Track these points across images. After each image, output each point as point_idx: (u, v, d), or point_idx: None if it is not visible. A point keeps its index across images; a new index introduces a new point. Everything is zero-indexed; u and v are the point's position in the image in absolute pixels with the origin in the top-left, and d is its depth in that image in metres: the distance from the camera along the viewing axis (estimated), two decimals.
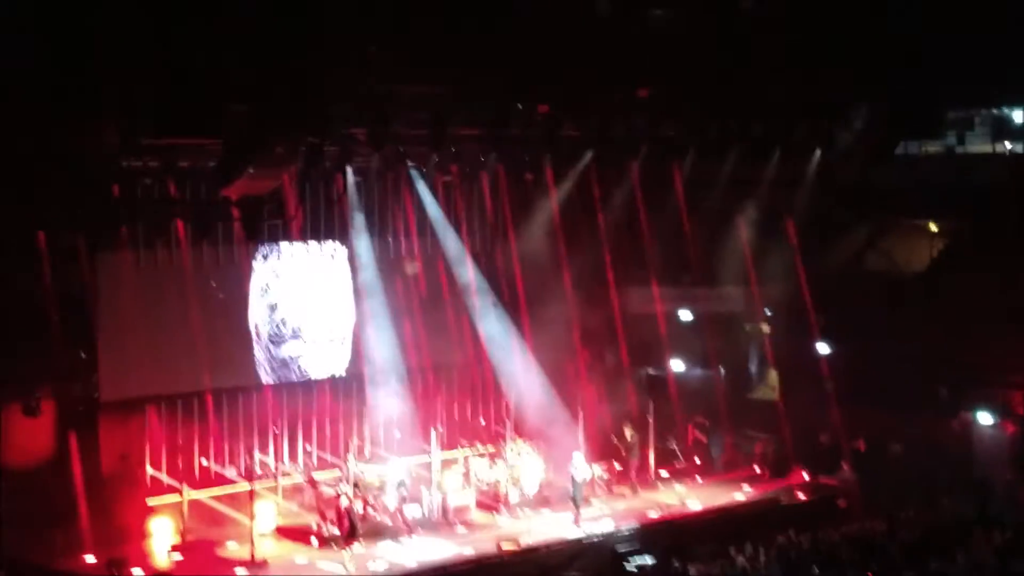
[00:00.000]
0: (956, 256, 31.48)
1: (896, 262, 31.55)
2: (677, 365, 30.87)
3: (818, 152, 28.56)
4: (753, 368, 32.20)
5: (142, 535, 24.24)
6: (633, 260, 29.95)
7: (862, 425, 29.09)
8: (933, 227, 31.58)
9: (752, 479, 28.94)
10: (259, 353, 26.75)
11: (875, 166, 29.36)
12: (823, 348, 30.20)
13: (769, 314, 31.41)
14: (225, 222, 25.37)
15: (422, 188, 27.85)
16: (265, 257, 26.80)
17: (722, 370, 31.32)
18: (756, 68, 26.00)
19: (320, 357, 27.60)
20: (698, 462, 29.72)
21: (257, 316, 26.75)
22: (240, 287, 26.44)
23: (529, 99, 24.99)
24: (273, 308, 26.95)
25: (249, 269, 26.53)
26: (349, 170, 26.24)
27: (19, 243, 23.05)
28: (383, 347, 27.74)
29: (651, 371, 30.76)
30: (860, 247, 30.89)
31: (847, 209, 30.25)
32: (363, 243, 27.69)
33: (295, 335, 27.24)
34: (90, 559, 22.99)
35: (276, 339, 26.99)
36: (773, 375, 31.55)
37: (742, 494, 28.06)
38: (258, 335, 26.73)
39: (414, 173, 27.40)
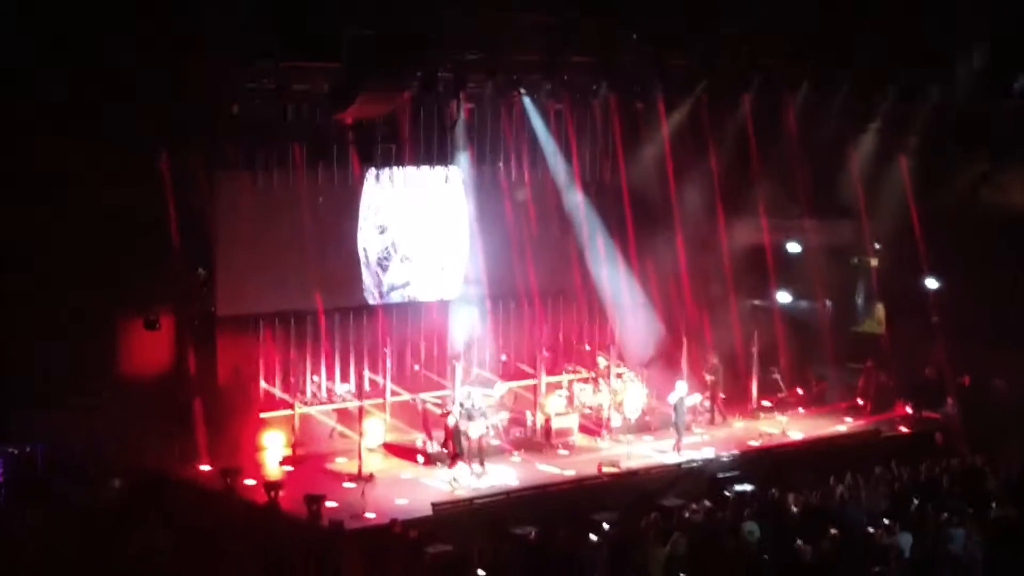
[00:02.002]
0: None
1: (1010, 198, 30.98)
2: (783, 297, 30.79)
3: (935, 86, 28.14)
4: (860, 301, 31.98)
5: (254, 447, 24.92)
6: (743, 191, 29.78)
7: (967, 360, 28.82)
8: None
9: (855, 411, 28.87)
10: (367, 277, 27.10)
11: (993, 100, 28.83)
12: (931, 282, 29.92)
13: (878, 247, 31.14)
14: (340, 145, 25.77)
15: (534, 116, 27.97)
16: (378, 179, 27.03)
17: (828, 303, 31.19)
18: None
19: (429, 282, 27.93)
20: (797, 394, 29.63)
21: (366, 239, 27.10)
22: (352, 209, 26.79)
23: (640, 28, 24.99)
24: (383, 230, 27.23)
25: (360, 192, 26.83)
26: (462, 96, 26.37)
27: (144, 163, 23.61)
28: (492, 272, 28.07)
29: (757, 302, 30.73)
30: (974, 182, 30.36)
31: (963, 144, 29.74)
32: (475, 169, 27.95)
33: (405, 259, 27.57)
34: (205, 468, 23.65)
35: (384, 263, 27.32)
36: (880, 308, 31.33)
37: (844, 426, 28.02)
38: (367, 259, 27.07)
39: (526, 101, 27.51)
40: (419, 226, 27.74)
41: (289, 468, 24.37)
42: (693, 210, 29.30)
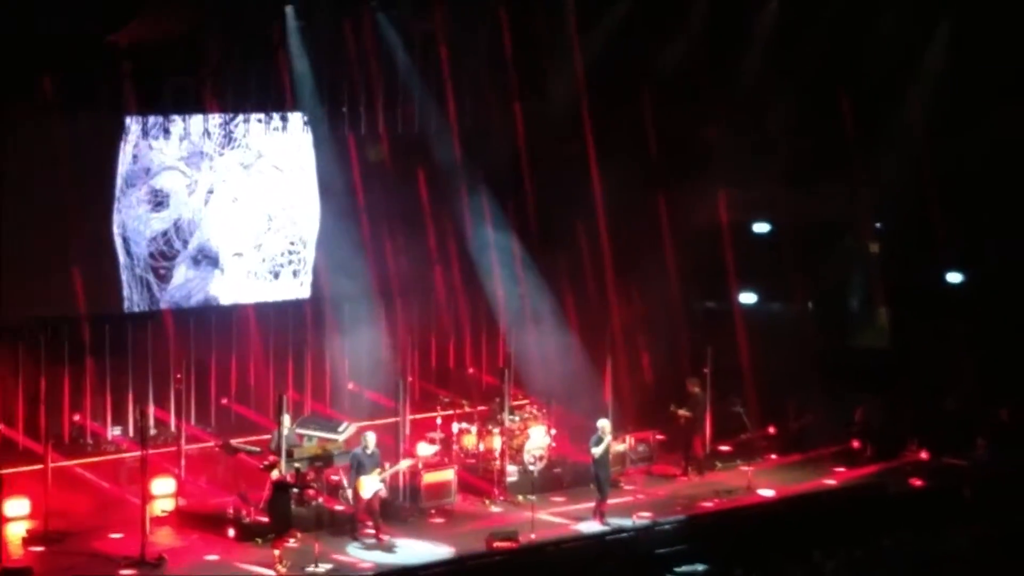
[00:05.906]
0: None
1: None
2: (748, 297, 30.95)
3: None
4: (855, 303, 32.27)
5: None
6: (692, 148, 29.94)
7: (1006, 387, 29.19)
8: None
9: (849, 458, 29.14)
10: (129, 283, 26.82)
11: None
12: (954, 276, 30.24)
13: (880, 226, 31.39)
14: (111, 81, 25.48)
15: (392, 38, 27.96)
16: (167, 133, 26.74)
17: (811, 305, 31.40)
18: None
19: (242, 279, 27.85)
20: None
21: (128, 220, 26.68)
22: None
23: None
24: (158, 204, 26.92)
25: (126, 148, 26.42)
26: (289, 10, 26.40)
27: None
28: (332, 263, 28.08)
29: (711, 305, 30.85)
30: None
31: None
32: (307, 116, 27.90)
33: (202, 257, 27.43)
34: None
35: (161, 264, 27.05)
36: (883, 314, 31.63)
37: (834, 479, 28.30)
38: (129, 254, 26.72)
39: (381, 18, 27.50)
40: (233, 198, 27.58)
41: (39, 548, 23.92)
42: (620, 174, 29.36)
